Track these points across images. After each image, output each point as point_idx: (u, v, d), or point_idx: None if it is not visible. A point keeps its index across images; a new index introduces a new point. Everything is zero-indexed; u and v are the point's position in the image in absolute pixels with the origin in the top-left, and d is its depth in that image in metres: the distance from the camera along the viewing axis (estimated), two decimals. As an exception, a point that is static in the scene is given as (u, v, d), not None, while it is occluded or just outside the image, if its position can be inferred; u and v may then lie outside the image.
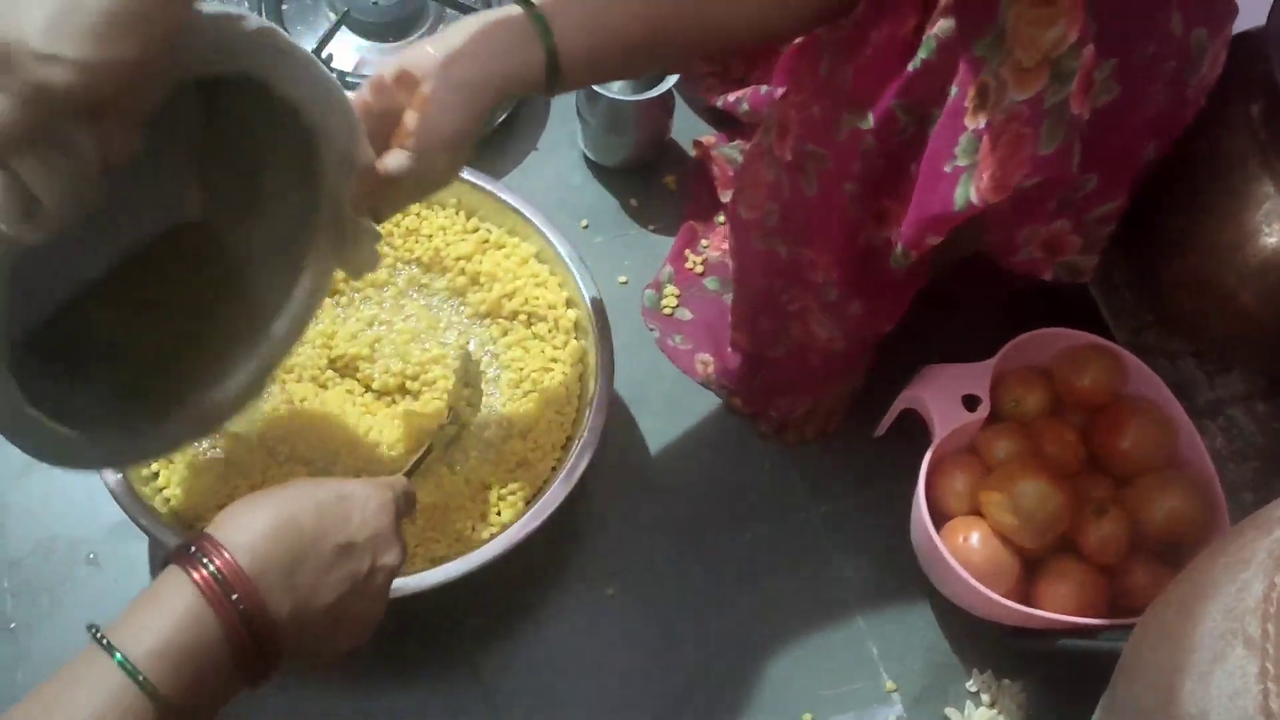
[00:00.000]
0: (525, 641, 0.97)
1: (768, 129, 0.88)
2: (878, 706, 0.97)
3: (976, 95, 0.70)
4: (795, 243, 0.90)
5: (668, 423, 1.09)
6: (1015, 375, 1.00)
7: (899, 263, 0.82)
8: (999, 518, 0.92)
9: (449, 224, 1.03)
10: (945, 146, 0.73)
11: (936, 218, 0.76)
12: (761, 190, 0.90)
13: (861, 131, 0.78)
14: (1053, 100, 0.66)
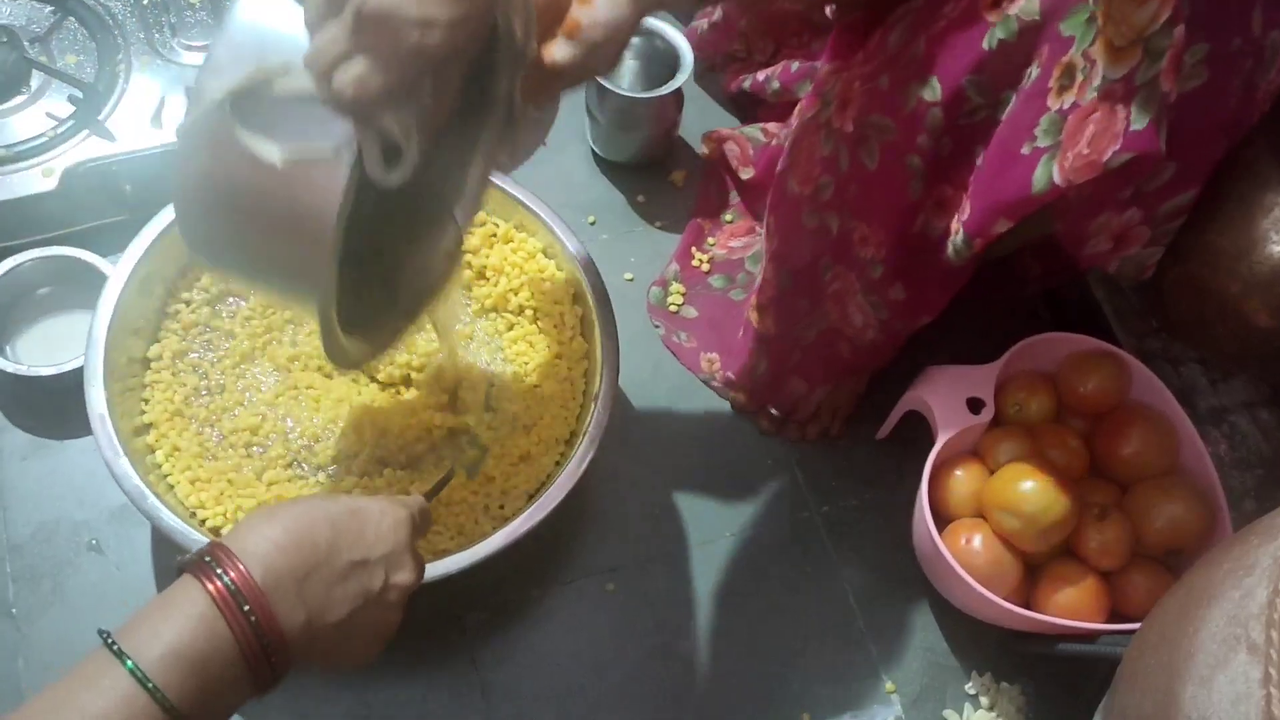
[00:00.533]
0: (524, 635, 0.98)
1: (826, 102, 0.88)
2: (876, 707, 0.97)
3: (1062, 75, 0.70)
4: (850, 217, 0.90)
5: (671, 420, 1.09)
6: (1020, 379, 1.00)
7: (958, 253, 0.82)
8: (1001, 521, 0.92)
9: None
10: (1024, 128, 0.73)
11: (1012, 202, 0.75)
12: (816, 164, 0.90)
13: (929, 104, 0.78)
14: (1144, 77, 0.66)
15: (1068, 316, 1.14)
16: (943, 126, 0.79)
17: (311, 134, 0.58)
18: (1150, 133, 0.67)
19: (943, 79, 0.77)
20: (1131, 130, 0.68)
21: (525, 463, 0.96)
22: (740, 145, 1.17)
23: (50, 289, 1.03)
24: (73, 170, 1.02)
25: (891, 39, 0.81)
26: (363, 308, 0.71)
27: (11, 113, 1.05)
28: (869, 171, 0.86)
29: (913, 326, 0.96)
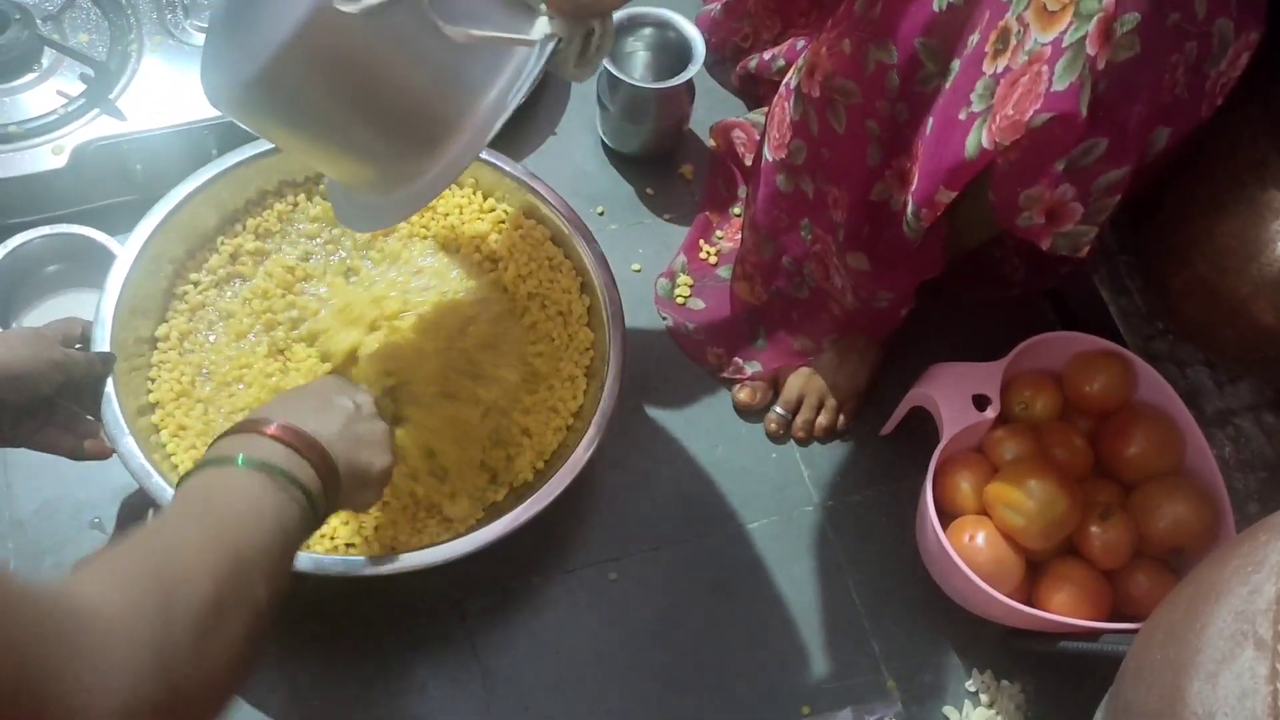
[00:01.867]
0: (526, 622, 0.97)
1: (797, 69, 0.90)
2: (877, 702, 0.97)
3: (998, 39, 0.72)
4: (824, 180, 0.92)
5: (675, 411, 1.09)
6: (1026, 377, 1.01)
7: (910, 228, 0.83)
8: (1005, 518, 0.92)
9: (465, 202, 1.03)
10: (962, 93, 0.75)
11: (950, 168, 0.77)
12: (788, 128, 0.92)
13: (887, 66, 0.80)
14: (1071, 38, 0.68)
15: (1073, 317, 1.14)
16: (899, 91, 0.81)
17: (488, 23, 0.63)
18: (1071, 94, 0.68)
19: (898, 41, 0.79)
20: (1052, 90, 0.69)
21: (528, 436, 0.96)
22: (746, 132, 1.18)
23: (58, 267, 1.03)
24: (82, 149, 1.02)
25: (858, 4, 0.82)
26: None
27: (23, 90, 1.04)
28: (838, 135, 0.88)
29: (877, 297, 0.97)
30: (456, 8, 0.62)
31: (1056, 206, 0.76)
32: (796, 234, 0.99)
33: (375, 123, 0.68)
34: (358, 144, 0.70)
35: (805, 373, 1.08)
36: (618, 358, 0.95)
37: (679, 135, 1.21)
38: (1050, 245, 0.78)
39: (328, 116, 0.68)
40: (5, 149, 1.02)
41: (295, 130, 0.70)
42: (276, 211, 1.01)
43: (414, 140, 0.68)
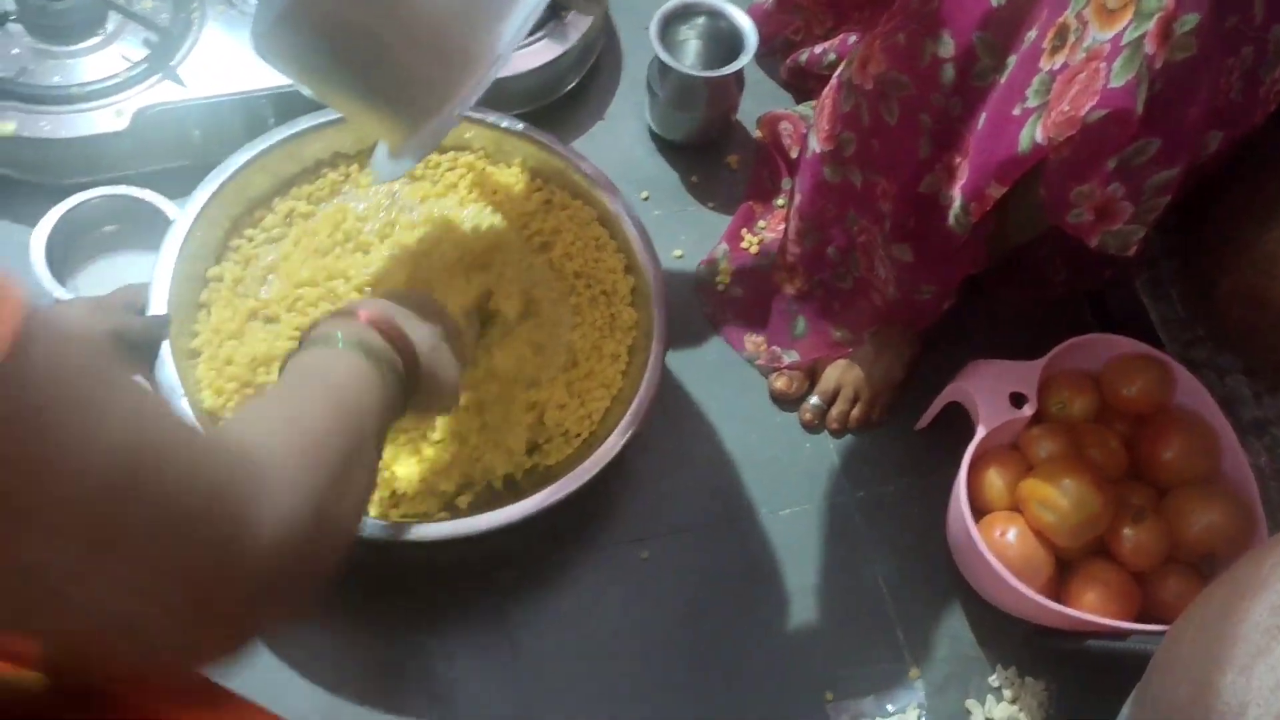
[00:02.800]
0: (555, 596, 0.99)
1: (849, 61, 0.91)
2: (899, 690, 0.98)
3: (1055, 36, 0.73)
4: (872, 171, 0.93)
5: (712, 396, 1.10)
6: (1064, 377, 1.01)
7: (958, 222, 0.84)
8: (1038, 515, 0.92)
9: (514, 181, 1.04)
10: (1017, 89, 0.75)
11: (1001, 163, 0.78)
12: (838, 121, 0.94)
13: (942, 59, 0.81)
14: (1131, 37, 0.68)
15: (1112, 320, 1.14)
16: (954, 85, 0.82)
17: None
18: (1128, 91, 0.69)
19: (955, 34, 0.80)
20: (1109, 87, 0.69)
21: (565, 411, 0.97)
22: (793, 124, 1.19)
23: (115, 227, 1.05)
24: (143, 112, 1.05)
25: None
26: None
27: (87, 53, 1.07)
28: (889, 127, 0.89)
29: (920, 289, 0.97)
30: None
31: (1107, 204, 0.76)
32: (842, 225, 1.00)
33: (401, 51, 0.69)
34: (382, 76, 0.71)
35: (842, 364, 1.09)
36: (660, 339, 0.95)
37: (726, 125, 1.22)
38: (1098, 243, 0.79)
39: (353, 50, 0.69)
40: (68, 110, 1.04)
41: (324, 69, 0.72)
42: (329, 180, 1.02)
43: (438, 68, 0.69)
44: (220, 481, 0.44)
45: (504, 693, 0.94)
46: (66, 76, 1.06)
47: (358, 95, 0.75)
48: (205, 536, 0.42)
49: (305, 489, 0.49)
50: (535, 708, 0.94)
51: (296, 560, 0.47)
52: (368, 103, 0.75)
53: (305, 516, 0.48)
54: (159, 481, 0.40)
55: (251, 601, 0.45)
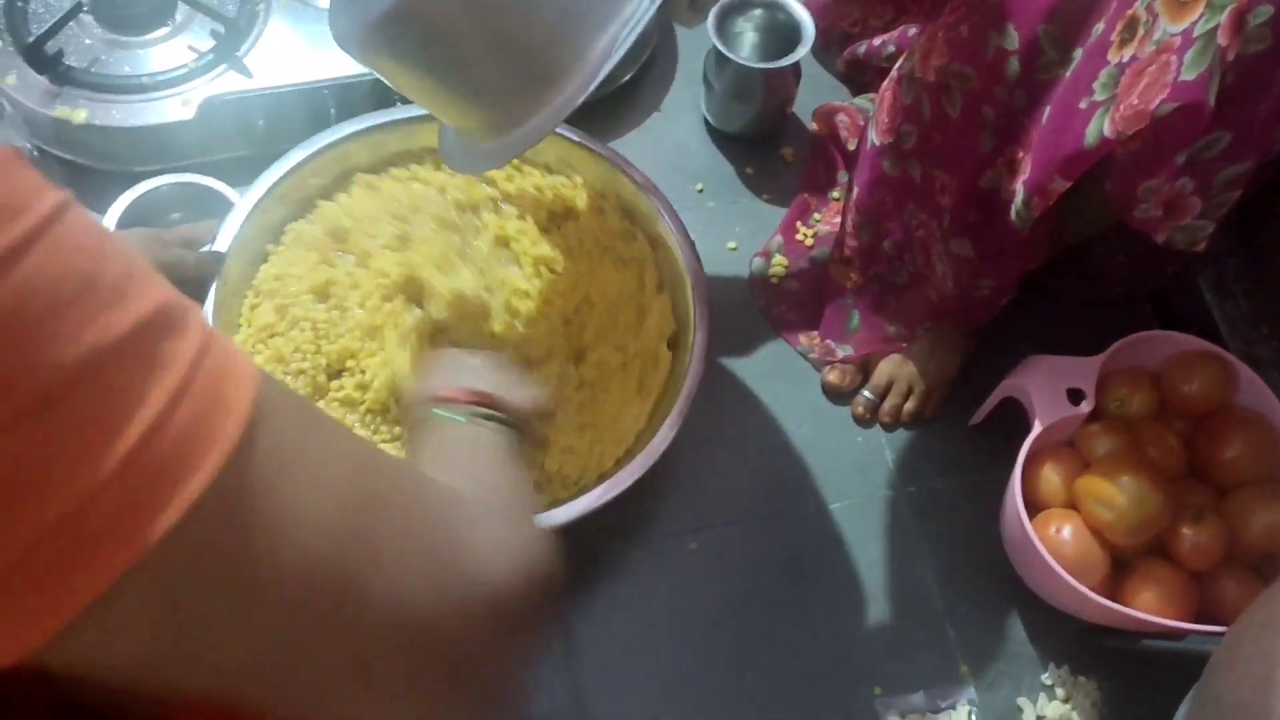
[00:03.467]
0: (606, 587, 1.00)
1: (910, 54, 0.91)
2: (949, 687, 0.97)
3: (1125, 29, 0.72)
4: (932, 164, 0.92)
5: (765, 389, 1.10)
6: (1122, 374, 1.00)
7: (1020, 216, 0.83)
8: (1095, 512, 0.91)
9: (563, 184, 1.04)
10: (1084, 82, 0.74)
11: (1067, 157, 0.77)
12: (898, 113, 0.93)
13: (1007, 52, 0.80)
14: (1203, 28, 0.67)
15: (1174, 317, 1.13)
16: (1018, 78, 0.81)
17: None
18: (1200, 84, 0.67)
19: (1019, 26, 0.79)
20: (1181, 80, 0.68)
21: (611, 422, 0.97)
22: (850, 117, 1.18)
23: (182, 214, 1.07)
24: (209, 102, 1.07)
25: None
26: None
27: (156, 43, 1.09)
28: (952, 120, 0.88)
29: (979, 285, 0.96)
30: None
31: (1175, 199, 0.75)
32: (900, 219, 0.99)
33: (497, 60, 0.69)
34: (478, 83, 0.72)
35: (896, 359, 1.09)
36: (703, 334, 0.95)
37: (782, 117, 1.22)
38: (1166, 239, 0.78)
39: (452, 55, 0.70)
40: (138, 99, 1.07)
41: (419, 70, 0.72)
42: (392, 176, 1.03)
43: (532, 78, 0.70)
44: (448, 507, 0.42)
45: (556, 680, 0.95)
46: (136, 66, 1.08)
47: (443, 105, 0.76)
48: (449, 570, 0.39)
49: (506, 521, 0.47)
50: (586, 694, 0.95)
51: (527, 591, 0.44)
52: (455, 111, 0.76)
53: (518, 545, 0.45)
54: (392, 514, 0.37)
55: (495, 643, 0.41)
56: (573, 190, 1.02)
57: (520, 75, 0.70)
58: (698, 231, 1.15)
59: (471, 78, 0.71)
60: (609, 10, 0.68)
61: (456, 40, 0.68)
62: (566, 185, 1.02)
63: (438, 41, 0.69)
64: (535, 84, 0.70)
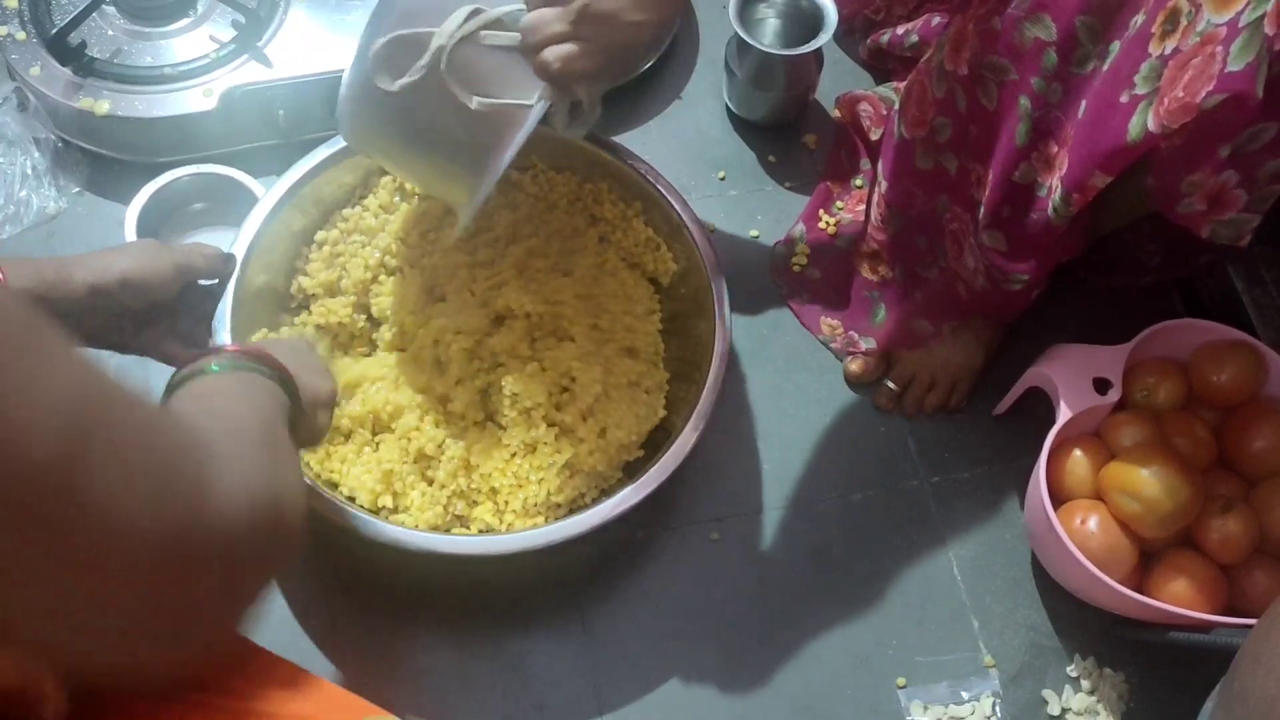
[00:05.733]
0: (627, 575, 0.99)
1: (939, 46, 0.89)
2: (974, 679, 0.97)
3: (1166, 20, 0.70)
4: (969, 157, 0.91)
5: (787, 378, 1.09)
6: (1150, 364, 0.98)
7: (1057, 213, 0.82)
8: (1121, 504, 0.90)
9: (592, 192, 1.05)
10: (1124, 75, 0.73)
11: (1108, 152, 0.75)
12: (931, 107, 0.92)
13: (1045, 43, 0.79)
14: (1250, 18, 0.65)
15: (1202, 305, 1.11)
16: (1056, 70, 0.79)
17: (504, 79, 0.76)
18: (1248, 74, 0.66)
19: (1056, 17, 0.78)
20: (1228, 71, 0.66)
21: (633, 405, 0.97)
22: (873, 105, 1.17)
23: (204, 205, 1.07)
24: (231, 93, 1.07)
25: None
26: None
27: (178, 34, 1.09)
28: (988, 112, 0.87)
29: (1011, 279, 0.95)
30: (481, 69, 0.76)
31: (1219, 193, 0.74)
32: (932, 212, 0.98)
33: (428, 156, 0.84)
34: (419, 171, 0.89)
35: (920, 349, 1.07)
36: (724, 326, 0.94)
37: (804, 104, 1.21)
38: (1209, 233, 0.76)
39: (394, 154, 0.87)
40: (159, 90, 1.07)
41: (383, 159, 0.91)
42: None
43: (460, 167, 0.82)
44: (176, 443, 0.42)
45: (575, 665, 0.95)
46: (158, 57, 1.08)
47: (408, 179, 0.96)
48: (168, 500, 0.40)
49: (251, 461, 0.48)
50: (605, 682, 0.95)
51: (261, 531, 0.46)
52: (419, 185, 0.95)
53: (261, 484, 0.47)
54: (114, 441, 0.38)
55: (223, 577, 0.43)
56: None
57: (449, 165, 0.83)
58: (719, 219, 1.16)
59: (414, 168, 0.89)
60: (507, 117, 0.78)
61: (393, 147, 0.85)
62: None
63: (380, 149, 0.87)
64: (464, 170, 0.82)
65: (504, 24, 0.75)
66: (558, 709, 0.94)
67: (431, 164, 0.84)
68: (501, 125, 0.78)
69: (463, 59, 0.76)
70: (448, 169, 0.83)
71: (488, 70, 0.77)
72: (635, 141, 1.05)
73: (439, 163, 0.83)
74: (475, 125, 0.78)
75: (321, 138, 0.98)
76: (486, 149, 0.79)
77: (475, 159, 0.80)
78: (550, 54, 0.72)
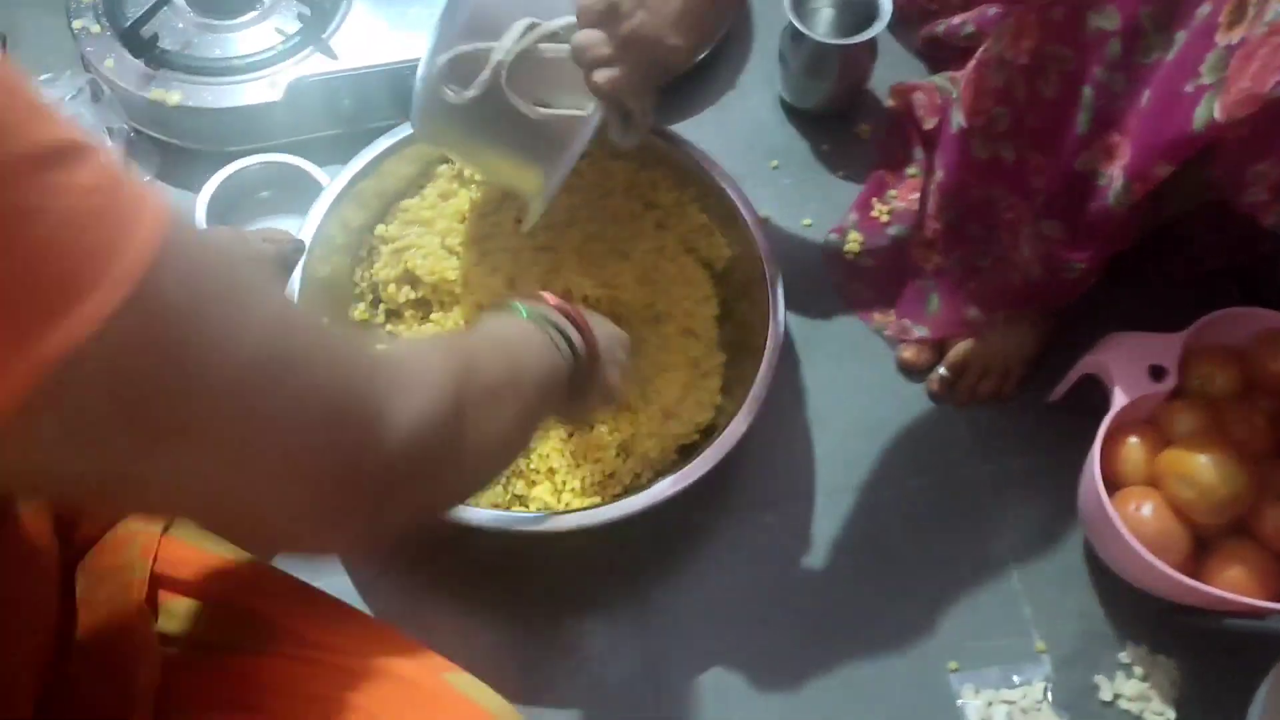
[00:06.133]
0: (683, 556, 1.01)
1: (998, 36, 0.90)
2: (1025, 664, 0.97)
3: (1233, 10, 0.70)
4: (1027, 147, 0.91)
5: (839, 366, 1.11)
6: (1206, 351, 0.98)
7: (1118, 201, 0.82)
8: (1176, 490, 0.90)
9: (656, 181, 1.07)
10: (1189, 65, 0.73)
11: (1172, 142, 0.75)
12: (988, 97, 0.92)
13: (1109, 33, 0.79)
14: None
15: (1260, 293, 1.10)
16: (1119, 59, 0.79)
17: (564, 82, 0.82)
18: None
19: (1120, 7, 0.78)
20: None
21: (690, 386, 0.99)
22: (927, 94, 1.17)
23: (270, 193, 1.10)
24: (296, 84, 1.10)
25: None
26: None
27: (245, 27, 1.12)
28: (1047, 101, 0.87)
29: (1069, 268, 0.95)
30: (542, 74, 0.83)
31: None
32: (988, 201, 0.98)
33: (497, 154, 0.91)
34: (489, 165, 0.96)
35: (973, 337, 1.08)
36: (777, 312, 0.96)
37: (858, 94, 1.22)
38: (1273, 223, 0.77)
39: (464, 151, 0.96)
40: (228, 81, 1.10)
41: (453, 154, 1.01)
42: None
43: (527, 163, 0.89)
44: (359, 379, 0.45)
45: (631, 646, 0.97)
46: (226, 49, 1.11)
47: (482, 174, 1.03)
48: (337, 434, 0.44)
49: (447, 391, 0.50)
50: (661, 663, 0.97)
51: (425, 456, 0.49)
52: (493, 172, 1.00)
53: (442, 413, 0.49)
54: (298, 379, 0.42)
55: (377, 496, 0.47)
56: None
57: (517, 164, 0.90)
58: (772, 208, 1.17)
59: (488, 166, 0.97)
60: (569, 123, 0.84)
61: (467, 155, 0.97)
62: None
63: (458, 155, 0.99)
64: (529, 170, 0.89)
65: (559, 36, 0.82)
66: (613, 687, 0.96)
67: (500, 160, 0.91)
68: (563, 127, 0.84)
69: (524, 65, 0.82)
70: (515, 164, 0.90)
71: (549, 74, 0.83)
72: (690, 131, 1.06)
73: (506, 159, 0.90)
74: (539, 127, 0.85)
75: (383, 128, 1.01)
76: (551, 145, 0.85)
77: (541, 156, 0.87)
78: (599, 75, 0.78)
